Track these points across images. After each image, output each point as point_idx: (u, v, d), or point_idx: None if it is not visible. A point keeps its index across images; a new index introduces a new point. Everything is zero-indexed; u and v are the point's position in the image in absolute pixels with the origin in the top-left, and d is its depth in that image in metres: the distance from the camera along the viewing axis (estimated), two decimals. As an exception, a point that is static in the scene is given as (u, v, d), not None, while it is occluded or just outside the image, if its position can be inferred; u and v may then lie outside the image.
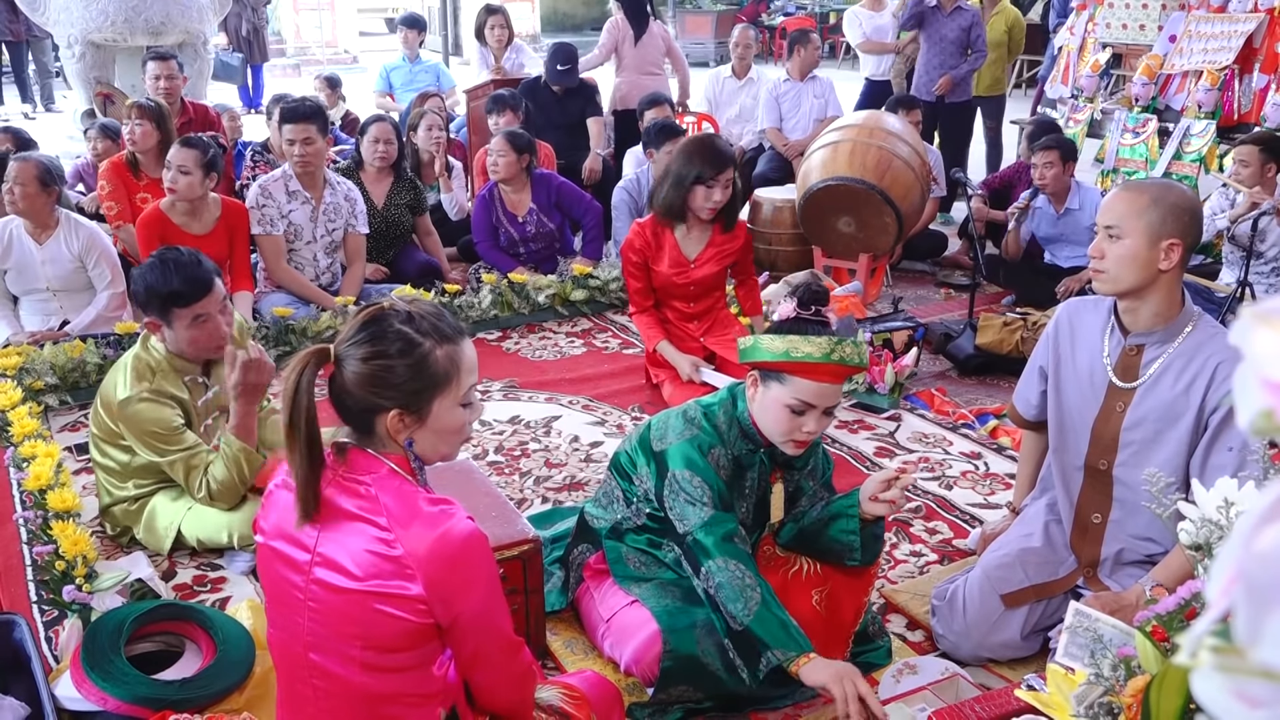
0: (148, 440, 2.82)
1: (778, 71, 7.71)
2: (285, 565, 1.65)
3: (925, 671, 2.38)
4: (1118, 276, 2.25)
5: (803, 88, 6.85)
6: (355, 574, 1.58)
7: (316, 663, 1.65)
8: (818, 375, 2.14)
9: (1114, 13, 6.77)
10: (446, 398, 1.64)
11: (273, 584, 1.70)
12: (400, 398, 1.60)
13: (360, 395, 1.60)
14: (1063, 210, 5.10)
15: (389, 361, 1.59)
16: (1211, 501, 1.60)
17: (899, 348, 4.32)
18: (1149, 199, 2.21)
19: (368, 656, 1.61)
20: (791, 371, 2.15)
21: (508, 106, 5.85)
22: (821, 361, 2.13)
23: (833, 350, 2.13)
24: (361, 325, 1.62)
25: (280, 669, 1.77)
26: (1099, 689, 1.57)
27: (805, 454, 2.40)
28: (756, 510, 2.39)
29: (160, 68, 5.66)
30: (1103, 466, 2.41)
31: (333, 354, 1.62)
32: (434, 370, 1.62)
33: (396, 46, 8.67)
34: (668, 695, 2.21)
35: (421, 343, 1.61)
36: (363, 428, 1.64)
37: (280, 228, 4.61)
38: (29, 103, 11.10)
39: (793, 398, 2.16)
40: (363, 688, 1.64)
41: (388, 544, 1.57)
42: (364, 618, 1.58)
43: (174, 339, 2.83)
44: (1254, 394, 0.51)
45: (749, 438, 2.29)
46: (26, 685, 2.21)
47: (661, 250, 3.87)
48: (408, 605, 1.57)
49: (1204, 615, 0.52)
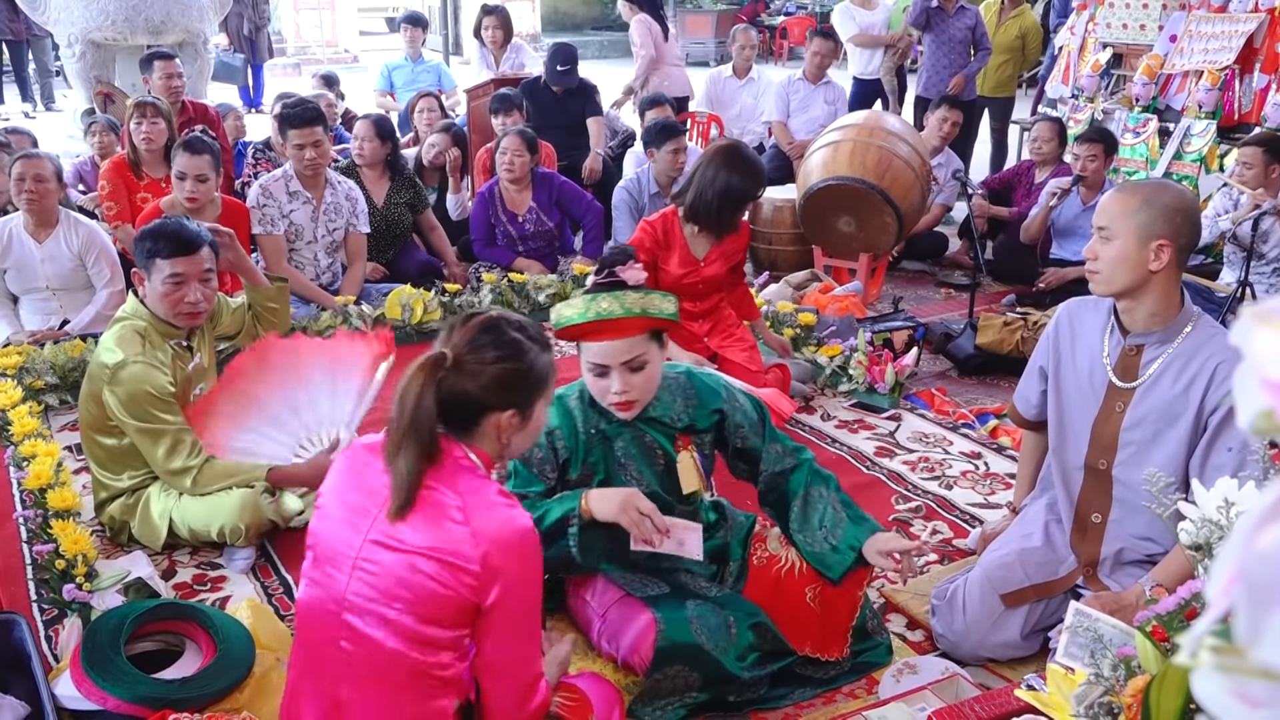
0: (140, 406, 2.79)
1: (778, 71, 7.71)
2: (344, 525, 1.74)
3: (925, 671, 2.38)
4: (1110, 277, 2.26)
5: (814, 90, 6.85)
6: (419, 537, 1.66)
7: (351, 624, 1.71)
8: (590, 335, 2.24)
9: (1114, 12, 6.76)
10: (545, 399, 1.81)
11: (324, 542, 1.77)
12: (516, 399, 1.74)
13: (480, 396, 1.71)
14: (1092, 201, 5.13)
15: (513, 366, 1.73)
16: (1211, 501, 1.60)
17: (899, 347, 4.32)
18: (1140, 200, 2.23)
19: (406, 622, 1.68)
20: (579, 336, 2.26)
21: (514, 107, 5.86)
22: (593, 320, 2.22)
23: (587, 308, 2.22)
24: (481, 331, 1.74)
25: (306, 630, 1.81)
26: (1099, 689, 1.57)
27: (705, 416, 2.41)
28: (667, 479, 2.38)
29: (166, 67, 5.67)
30: (1102, 466, 2.41)
31: (449, 358, 1.71)
32: (541, 374, 1.78)
33: (397, 46, 8.67)
34: (663, 675, 2.21)
35: (534, 349, 1.77)
36: (466, 425, 1.74)
37: (281, 227, 4.60)
38: (29, 102, 11.09)
39: (587, 360, 2.27)
40: (391, 655, 1.69)
41: (456, 520, 1.66)
42: (415, 581, 1.66)
43: (151, 293, 2.86)
44: (1254, 394, 0.51)
45: (603, 411, 2.35)
46: (26, 684, 2.21)
47: (671, 250, 3.86)
48: (460, 577, 1.64)
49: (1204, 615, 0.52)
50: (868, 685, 2.41)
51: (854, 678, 2.43)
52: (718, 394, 2.45)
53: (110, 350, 2.82)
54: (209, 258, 2.89)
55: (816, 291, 4.85)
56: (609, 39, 16.48)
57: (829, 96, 6.86)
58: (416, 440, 1.65)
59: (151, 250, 2.82)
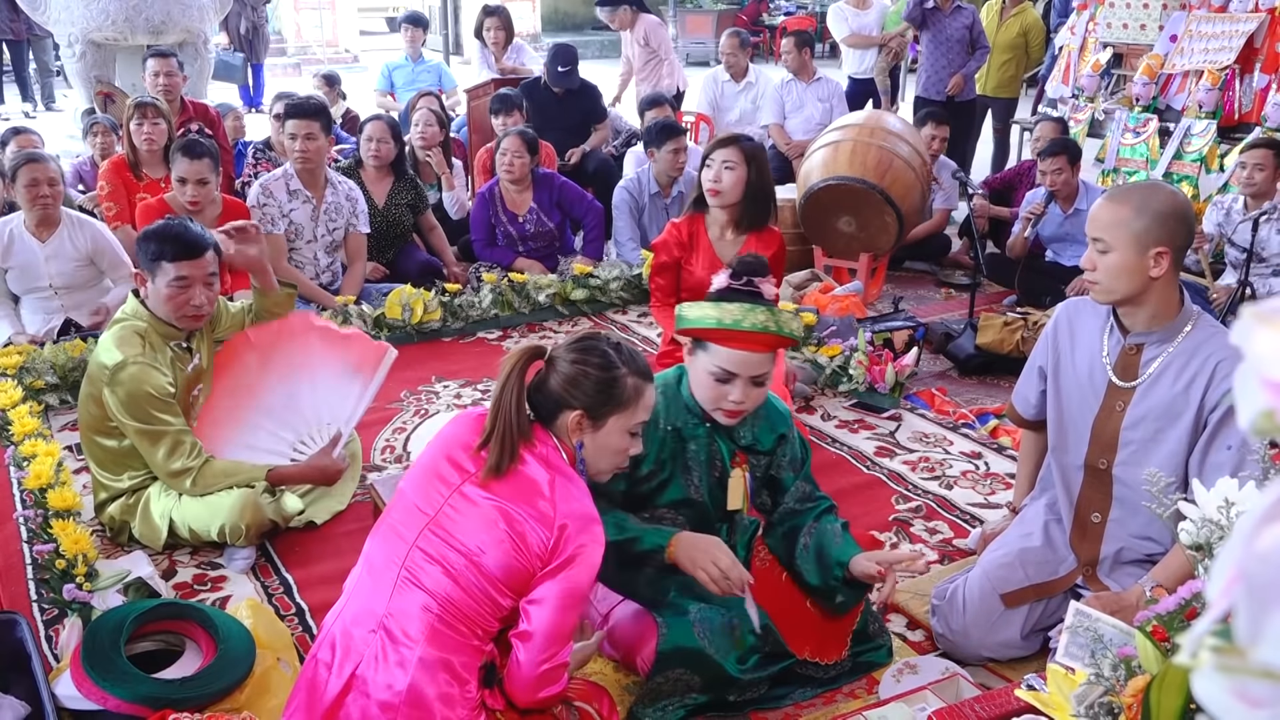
0: (140, 407, 2.78)
1: (778, 71, 7.71)
2: (438, 478, 1.92)
3: (925, 671, 2.38)
4: (1111, 288, 2.26)
5: (806, 89, 6.85)
6: (505, 495, 1.85)
7: (416, 561, 1.87)
8: (734, 342, 2.22)
9: (1115, 12, 6.76)
10: (621, 419, 1.95)
11: (415, 487, 1.95)
12: (586, 401, 1.91)
13: (557, 391, 1.92)
14: (1071, 210, 5.12)
15: (588, 369, 1.92)
16: (1212, 501, 1.60)
17: (899, 347, 4.32)
18: (1132, 209, 2.20)
19: (466, 570, 1.83)
20: (712, 339, 2.24)
21: (514, 107, 5.85)
22: (732, 328, 2.21)
23: (744, 317, 2.21)
24: (579, 339, 1.98)
25: (371, 562, 1.96)
26: (1099, 689, 1.57)
27: (769, 437, 2.42)
28: (717, 489, 2.39)
29: (159, 65, 5.66)
30: (1102, 466, 2.41)
31: (547, 354, 1.95)
32: (619, 391, 1.93)
33: (397, 45, 8.67)
34: (664, 678, 2.21)
35: (618, 365, 1.94)
36: (548, 418, 1.94)
37: (281, 227, 4.60)
38: (29, 102, 11.08)
39: (715, 365, 2.24)
40: (443, 596, 1.84)
41: (544, 495, 1.84)
42: (490, 533, 1.83)
43: (154, 295, 2.85)
44: (1254, 394, 0.51)
45: (690, 410, 2.34)
46: (27, 684, 2.21)
47: (696, 251, 3.84)
48: (530, 541, 1.82)
49: (1204, 615, 0.52)
50: (868, 685, 2.41)
51: (854, 678, 2.43)
52: (785, 418, 2.48)
53: (110, 351, 2.82)
54: (213, 261, 2.89)
55: (817, 291, 4.85)
56: (609, 39, 16.44)
57: (822, 94, 6.86)
58: (505, 415, 1.86)
59: (156, 253, 2.82)
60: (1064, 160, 5.04)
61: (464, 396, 4.11)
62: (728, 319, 2.21)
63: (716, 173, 3.66)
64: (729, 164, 3.64)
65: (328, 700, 1.85)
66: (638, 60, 7.38)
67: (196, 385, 3.01)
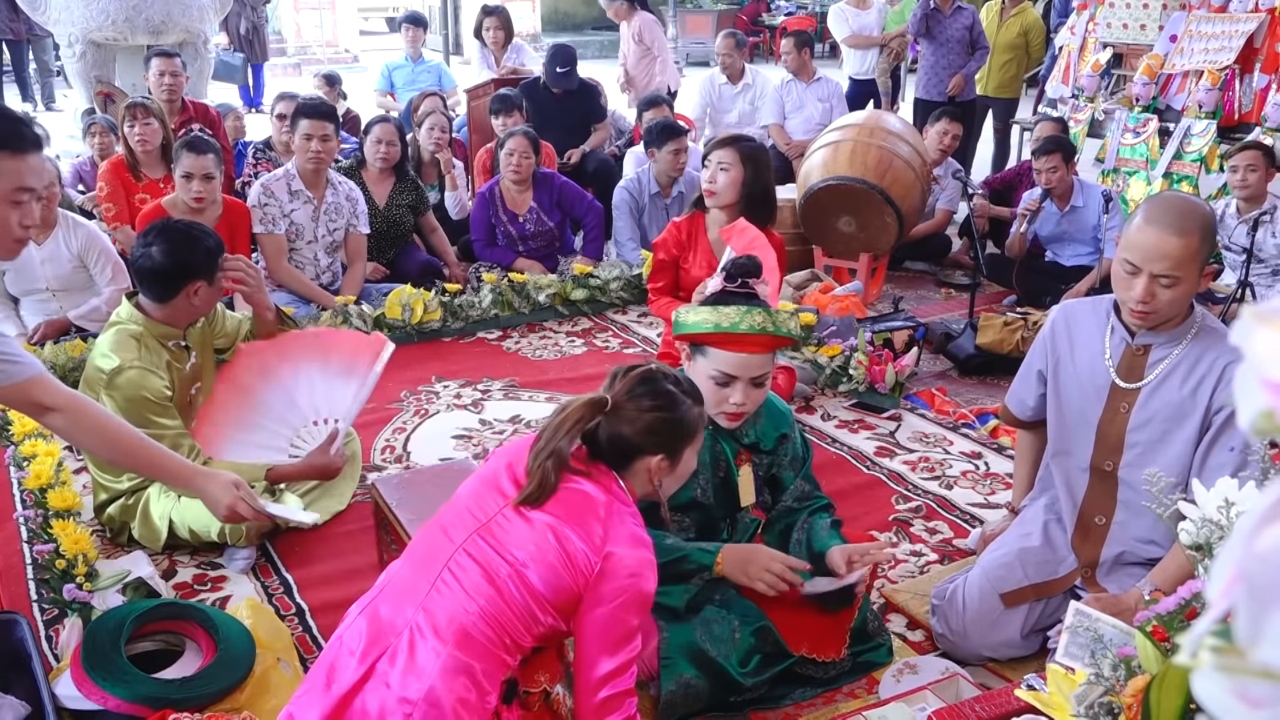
0: (138, 411, 2.78)
1: (777, 72, 7.71)
2: (496, 490, 1.91)
3: (925, 671, 2.38)
4: (1169, 315, 2.25)
5: (806, 89, 6.84)
6: (559, 519, 1.82)
7: (460, 563, 1.85)
8: (731, 345, 2.22)
9: (1115, 12, 6.76)
10: (693, 447, 1.96)
11: (472, 493, 1.94)
12: (666, 445, 1.91)
13: (635, 439, 1.89)
14: (1067, 208, 5.12)
15: (666, 415, 1.90)
16: (1212, 501, 1.60)
17: (899, 347, 4.31)
18: (1198, 239, 2.15)
19: (508, 583, 1.81)
20: (709, 343, 2.24)
21: (514, 107, 5.85)
22: (730, 331, 2.21)
23: (741, 319, 2.21)
24: (639, 382, 1.92)
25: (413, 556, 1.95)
26: (1099, 689, 1.57)
27: (771, 437, 2.42)
28: (721, 490, 2.40)
29: (164, 65, 5.66)
30: (1108, 467, 2.41)
31: (610, 403, 1.89)
32: (690, 426, 1.94)
33: (397, 46, 8.67)
34: (676, 686, 2.20)
35: (683, 400, 1.93)
36: (621, 464, 1.92)
37: (282, 227, 4.61)
38: (29, 102, 11.08)
39: (715, 369, 2.24)
40: (481, 602, 1.81)
41: (598, 516, 1.83)
42: (538, 550, 1.81)
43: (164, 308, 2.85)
44: (1255, 394, 0.51)
45: None
46: (27, 684, 2.21)
47: (694, 251, 3.84)
48: (577, 564, 1.80)
49: (1204, 615, 0.52)
50: (868, 685, 2.41)
51: (854, 678, 2.42)
52: (786, 418, 2.49)
53: (106, 356, 2.82)
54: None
55: (817, 291, 4.85)
56: (609, 39, 16.44)
57: (822, 94, 6.86)
58: (555, 452, 1.84)
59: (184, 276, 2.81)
60: (1058, 158, 5.04)
61: (464, 396, 4.11)
62: (725, 322, 2.21)
63: (712, 173, 3.67)
64: (724, 165, 3.65)
65: (345, 685, 1.84)
66: (632, 57, 7.38)
67: (194, 384, 3.01)
